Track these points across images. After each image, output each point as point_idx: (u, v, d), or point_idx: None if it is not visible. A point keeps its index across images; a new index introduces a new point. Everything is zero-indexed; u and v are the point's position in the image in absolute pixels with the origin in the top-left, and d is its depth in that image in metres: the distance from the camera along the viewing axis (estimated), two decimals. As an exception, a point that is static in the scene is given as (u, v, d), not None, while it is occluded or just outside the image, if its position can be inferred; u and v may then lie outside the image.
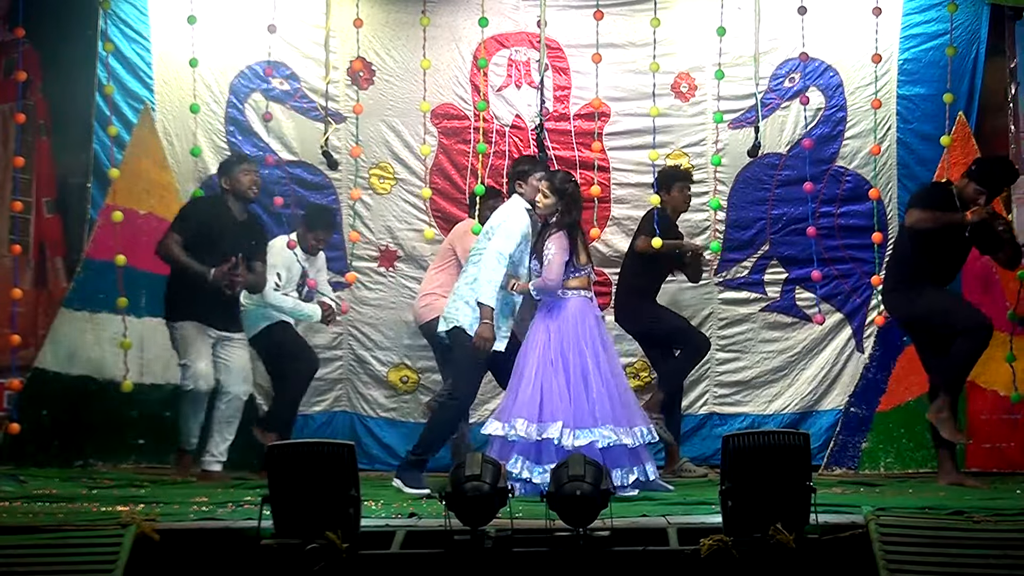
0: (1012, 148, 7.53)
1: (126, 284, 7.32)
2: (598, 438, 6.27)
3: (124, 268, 7.03)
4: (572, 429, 6.27)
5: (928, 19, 7.74)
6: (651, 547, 4.78)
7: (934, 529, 4.81)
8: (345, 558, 4.58)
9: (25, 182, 7.54)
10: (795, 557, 4.61)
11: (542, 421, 6.29)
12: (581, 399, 6.35)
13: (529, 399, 6.33)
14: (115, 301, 7.10)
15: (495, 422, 6.38)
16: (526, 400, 6.34)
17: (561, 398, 6.34)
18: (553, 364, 6.39)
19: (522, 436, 6.26)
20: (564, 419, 6.29)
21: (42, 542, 4.83)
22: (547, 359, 6.41)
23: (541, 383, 6.37)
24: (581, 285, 6.57)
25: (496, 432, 6.33)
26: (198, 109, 7.34)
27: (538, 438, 6.26)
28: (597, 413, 6.33)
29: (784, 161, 7.84)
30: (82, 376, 7.39)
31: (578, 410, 6.32)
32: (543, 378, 6.38)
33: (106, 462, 7.56)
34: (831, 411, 7.80)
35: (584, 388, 6.37)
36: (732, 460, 4.75)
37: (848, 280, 7.77)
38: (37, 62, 7.63)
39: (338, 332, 7.96)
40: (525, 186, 6.59)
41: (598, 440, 6.26)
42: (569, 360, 6.40)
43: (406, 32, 7.90)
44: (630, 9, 7.87)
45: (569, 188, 6.53)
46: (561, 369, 6.39)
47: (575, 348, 6.42)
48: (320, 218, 7.49)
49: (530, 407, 6.31)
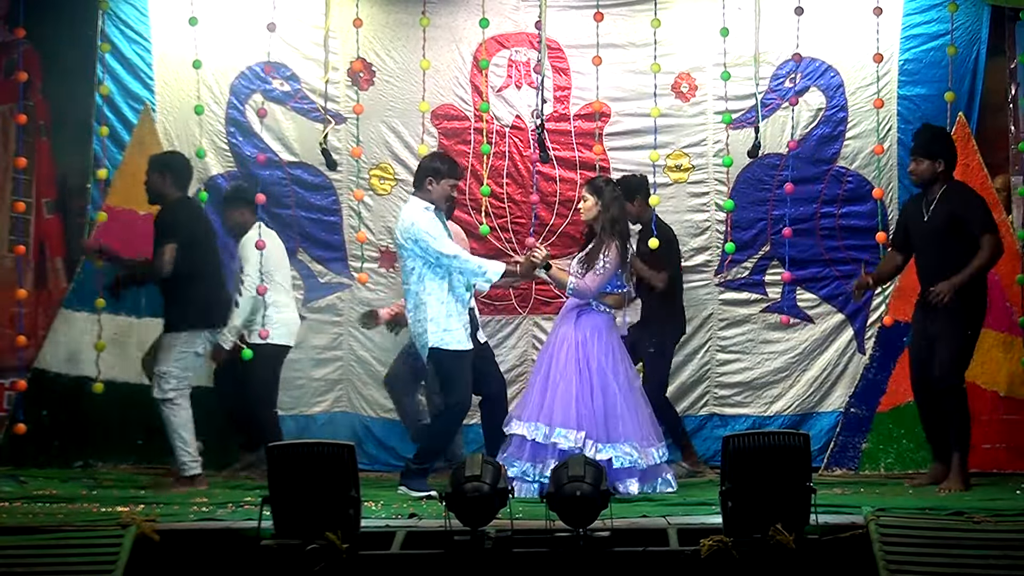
0: (1012, 149, 7.52)
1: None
2: (620, 455, 6.34)
3: (104, 268, 7.01)
4: (595, 442, 6.34)
5: (928, 19, 7.72)
6: (651, 548, 4.79)
7: (934, 529, 4.82)
8: (345, 559, 4.59)
9: (25, 183, 7.55)
10: (795, 557, 4.62)
11: (566, 427, 6.35)
12: (605, 413, 6.40)
13: (556, 403, 6.41)
14: (115, 301, 7.10)
15: (517, 422, 6.44)
16: (550, 403, 6.41)
17: (586, 407, 6.40)
18: (580, 374, 6.45)
19: (540, 440, 6.33)
20: (588, 430, 6.35)
21: (42, 542, 4.84)
22: (576, 367, 6.45)
23: (572, 390, 6.42)
24: (616, 304, 6.64)
25: (520, 432, 6.39)
26: (202, 110, 7.34)
27: (555, 443, 6.32)
28: (621, 429, 6.39)
29: (784, 162, 7.83)
30: (82, 376, 7.40)
31: (601, 424, 6.38)
32: (568, 384, 6.43)
33: (106, 462, 7.58)
34: (832, 413, 7.79)
35: (605, 402, 6.43)
36: (732, 461, 4.76)
37: (849, 281, 7.76)
38: (37, 63, 7.64)
39: (338, 332, 7.96)
40: (436, 185, 6.54)
41: (621, 457, 6.34)
42: (594, 372, 6.45)
43: (406, 33, 7.89)
44: (630, 9, 7.86)
45: (608, 187, 6.62)
46: (587, 380, 6.44)
47: (605, 362, 6.47)
48: (236, 195, 7.39)
49: (555, 412, 6.38)
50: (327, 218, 7.98)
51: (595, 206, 6.61)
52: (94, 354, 7.01)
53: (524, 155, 7.89)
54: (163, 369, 6.77)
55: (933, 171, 6.59)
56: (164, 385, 6.74)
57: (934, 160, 6.58)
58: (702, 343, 7.93)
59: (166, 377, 6.75)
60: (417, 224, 6.44)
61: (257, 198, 7.07)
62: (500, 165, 7.85)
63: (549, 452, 6.31)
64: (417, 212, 6.51)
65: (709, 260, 7.89)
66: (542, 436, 6.33)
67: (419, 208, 6.53)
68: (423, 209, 6.51)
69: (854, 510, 5.17)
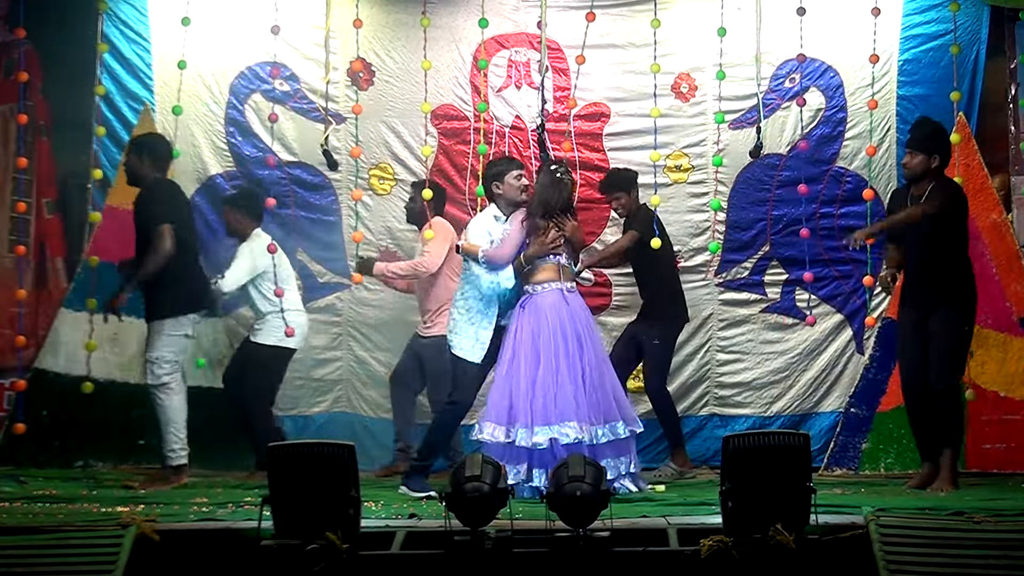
0: (1012, 149, 7.53)
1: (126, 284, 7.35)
2: (557, 436, 6.20)
3: (99, 268, 7.01)
4: (529, 428, 6.22)
5: (928, 20, 7.73)
6: (651, 548, 4.78)
7: (934, 530, 4.81)
8: (345, 559, 4.58)
9: (25, 183, 7.56)
10: (795, 558, 4.61)
11: (510, 423, 6.29)
12: (544, 397, 6.28)
13: (498, 402, 6.35)
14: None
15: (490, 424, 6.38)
16: (495, 402, 6.36)
17: (524, 397, 6.30)
18: (524, 362, 6.34)
19: (493, 439, 6.26)
20: (523, 420, 6.26)
21: (42, 543, 4.83)
22: (518, 357, 6.36)
23: (510, 384, 6.34)
24: (549, 277, 6.49)
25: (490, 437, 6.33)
26: (180, 111, 7.34)
27: (507, 441, 6.26)
28: (558, 409, 6.24)
29: (784, 162, 7.84)
30: (82, 376, 7.39)
31: (540, 408, 6.26)
32: (512, 377, 6.35)
33: (106, 462, 7.58)
34: (831, 413, 7.79)
35: (551, 384, 6.29)
36: (732, 461, 4.75)
37: (849, 281, 7.77)
38: (37, 63, 7.64)
39: (338, 333, 7.97)
40: (503, 186, 6.55)
41: (559, 438, 6.19)
42: (535, 357, 6.34)
43: (406, 33, 7.90)
44: (630, 9, 7.87)
45: (545, 168, 6.59)
46: (524, 367, 6.33)
47: (548, 344, 6.34)
48: (234, 201, 7.38)
49: (501, 410, 6.31)
50: (326, 218, 7.99)
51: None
52: (94, 354, 7.01)
53: (524, 155, 7.90)
54: (155, 355, 6.70)
55: (927, 166, 6.46)
56: (157, 371, 6.68)
57: (930, 155, 6.46)
58: (702, 343, 7.93)
59: (158, 362, 6.69)
60: (470, 226, 6.57)
61: (267, 202, 7.12)
62: (501, 165, 7.84)
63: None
64: (481, 218, 6.58)
65: (709, 260, 7.90)
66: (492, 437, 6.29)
67: (487, 215, 6.58)
68: (491, 217, 6.55)
69: (854, 510, 5.16)
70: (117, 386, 7.53)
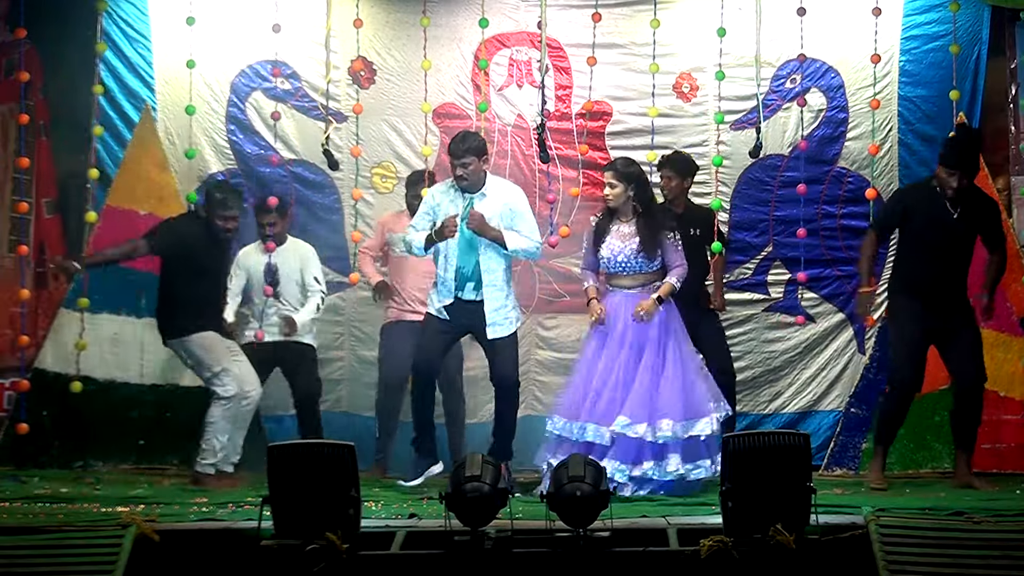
0: (1012, 149, 7.53)
1: (126, 285, 7.39)
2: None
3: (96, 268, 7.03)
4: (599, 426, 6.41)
5: (929, 20, 7.71)
6: (651, 548, 4.79)
7: (934, 530, 4.82)
8: (345, 559, 4.59)
9: (25, 182, 7.55)
10: (795, 558, 4.62)
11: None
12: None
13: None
14: (115, 302, 7.11)
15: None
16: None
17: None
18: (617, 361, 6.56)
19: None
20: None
21: (42, 542, 4.85)
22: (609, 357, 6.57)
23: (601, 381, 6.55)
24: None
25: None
26: (194, 111, 7.34)
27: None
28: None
29: (786, 162, 7.83)
30: (82, 377, 7.39)
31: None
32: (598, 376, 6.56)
33: (106, 462, 7.58)
34: (831, 412, 7.79)
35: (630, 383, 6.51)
36: (732, 461, 4.75)
37: (851, 281, 7.75)
38: (37, 63, 7.63)
39: (339, 332, 7.96)
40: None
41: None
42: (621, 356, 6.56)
43: (407, 32, 7.89)
44: (631, 9, 7.86)
45: (635, 171, 6.66)
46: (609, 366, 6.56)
47: (632, 343, 6.57)
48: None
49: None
50: (328, 217, 7.98)
51: (623, 192, 6.65)
52: (94, 354, 7.01)
53: (526, 154, 7.89)
54: (221, 367, 6.78)
55: (962, 183, 6.55)
56: (225, 379, 6.77)
57: (971, 177, 6.62)
58: (703, 343, 7.92)
59: (226, 372, 6.78)
60: None
61: (269, 201, 7.12)
62: (503, 164, 7.84)
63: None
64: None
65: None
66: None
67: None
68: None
69: (854, 510, 5.17)
70: (117, 386, 7.52)
